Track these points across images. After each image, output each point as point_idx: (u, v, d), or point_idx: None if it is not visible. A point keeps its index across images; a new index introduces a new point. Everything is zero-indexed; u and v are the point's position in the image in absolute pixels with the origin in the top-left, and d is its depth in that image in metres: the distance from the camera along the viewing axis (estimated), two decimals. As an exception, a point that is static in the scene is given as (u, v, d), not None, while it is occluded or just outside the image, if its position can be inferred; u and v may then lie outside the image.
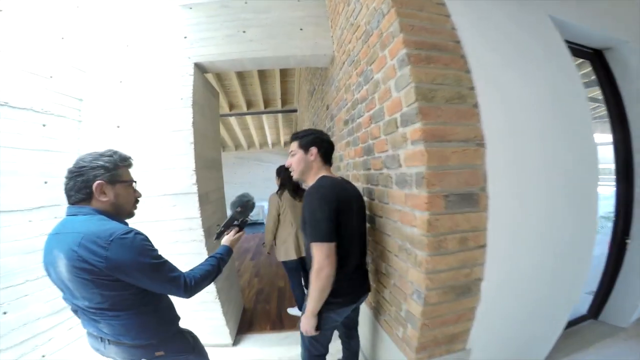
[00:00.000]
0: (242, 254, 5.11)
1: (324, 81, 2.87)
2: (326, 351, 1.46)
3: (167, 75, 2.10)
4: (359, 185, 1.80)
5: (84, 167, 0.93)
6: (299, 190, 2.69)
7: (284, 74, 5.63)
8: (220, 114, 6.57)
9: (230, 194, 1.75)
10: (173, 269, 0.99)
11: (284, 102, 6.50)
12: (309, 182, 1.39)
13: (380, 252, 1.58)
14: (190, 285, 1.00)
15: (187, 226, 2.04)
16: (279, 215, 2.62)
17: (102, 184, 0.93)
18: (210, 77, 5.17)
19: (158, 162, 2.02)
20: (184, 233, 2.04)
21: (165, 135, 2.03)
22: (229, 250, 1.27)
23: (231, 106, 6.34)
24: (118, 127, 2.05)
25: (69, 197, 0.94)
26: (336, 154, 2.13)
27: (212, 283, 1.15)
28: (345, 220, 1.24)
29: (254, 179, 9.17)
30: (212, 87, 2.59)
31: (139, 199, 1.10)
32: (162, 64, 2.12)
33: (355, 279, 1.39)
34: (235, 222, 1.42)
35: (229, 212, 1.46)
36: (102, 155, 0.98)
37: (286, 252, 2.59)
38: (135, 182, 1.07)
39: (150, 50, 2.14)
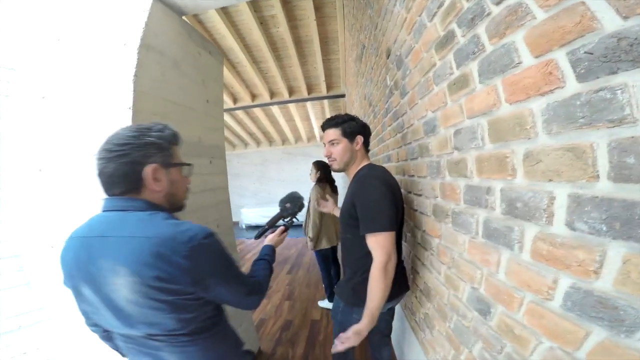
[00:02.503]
0: (279, 265, 4.28)
1: (377, 20, 1.81)
2: None
3: (115, 21, 1.26)
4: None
5: (129, 144, 0.65)
6: (334, 185, 2.73)
7: (326, 51, 4.64)
8: (261, 104, 5.90)
9: (279, 193, 1.32)
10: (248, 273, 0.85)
11: (329, 87, 5.51)
12: (350, 173, 1.21)
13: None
14: (263, 295, 0.84)
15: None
16: None
17: (156, 167, 0.67)
18: (243, 58, 4.45)
19: (89, 145, 1.20)
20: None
21: (99, 101, 1.20)
22: (273, 251, 1.03)
23: (272, 94, 5.60)
24: (43, 97, 1.29)
25: (108, 185, 0.66)
26: (417, 121, 1.09)
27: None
28: (398, 209, 1.08)
29: (302, 176, 8.35)
30: (203, 40, 1.71)
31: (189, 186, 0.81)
32: (112, 9, 1.29)
33: (398, 273, 1.11)
34: (282, 221, 1.26)
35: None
36: (149, 129, 0.69)
37: (325, 240, 2.61)
38: (190, 164, 0.79)
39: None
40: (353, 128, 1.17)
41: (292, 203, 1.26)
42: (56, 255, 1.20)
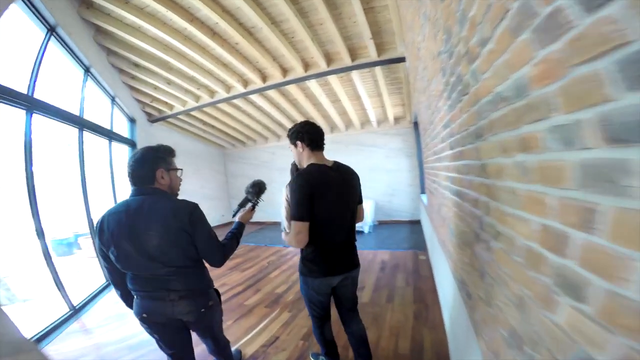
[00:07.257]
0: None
1: None
2: (325, 313, 1.51)
3: None
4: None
5: (148, 159, 1.25)
6: None
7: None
8: (295, 79, 4.68)
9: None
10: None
11: (380, 49, 3.90)
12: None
13: None
14: (227, 255, 1.29)
15: None
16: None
17: (162, 171, 1.24)
18: (259, 20, 3.26)
19: None
20: None
21: None
22: (241, 225, 1.44)
23: (306, 65, 4.32)
24: None
25: (136, 180, 1.23)
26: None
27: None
28: (320, 204, 1.28)
29: (355, 168, 6.94)
30: None
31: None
32: None
33: (331, 254, 1.37)
34: (250, 202, 1.57)
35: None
36: (157, 149, 1.28)
37: None
38: (180, 169, 1.35)
39: None
40: (292, 137, 1.41)
41: (252, 188, 1.56)
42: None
